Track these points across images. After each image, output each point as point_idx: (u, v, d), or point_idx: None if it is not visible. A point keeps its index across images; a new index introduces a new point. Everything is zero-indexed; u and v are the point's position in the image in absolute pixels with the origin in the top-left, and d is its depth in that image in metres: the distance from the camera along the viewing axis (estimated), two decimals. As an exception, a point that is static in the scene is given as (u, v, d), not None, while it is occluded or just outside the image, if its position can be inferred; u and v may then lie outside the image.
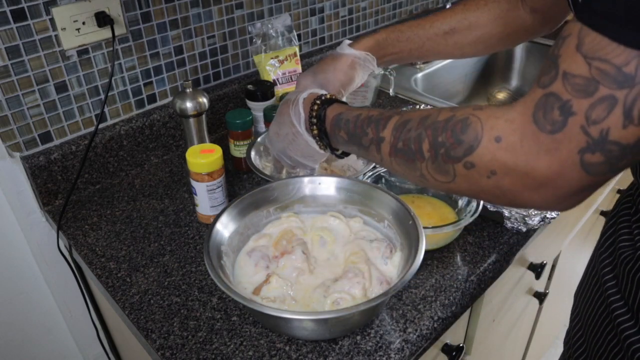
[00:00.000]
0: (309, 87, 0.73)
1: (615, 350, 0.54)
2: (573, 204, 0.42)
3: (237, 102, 1.09)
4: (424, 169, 0.49)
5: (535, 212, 0.78)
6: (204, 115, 0.88)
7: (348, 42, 0.78)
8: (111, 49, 0.88)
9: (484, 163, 0.43)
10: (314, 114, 0.64)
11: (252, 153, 0.83)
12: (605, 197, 1.35)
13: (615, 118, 0.35)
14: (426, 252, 0.67)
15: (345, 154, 0.68)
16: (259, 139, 0.87)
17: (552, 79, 0.38)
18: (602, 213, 1.38)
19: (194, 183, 0.78)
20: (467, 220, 0.72)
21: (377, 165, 0.60)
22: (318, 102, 0.64)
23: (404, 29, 0.76)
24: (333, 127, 0.62)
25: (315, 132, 0.64)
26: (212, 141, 0.91)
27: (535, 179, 0.40)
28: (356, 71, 0.77)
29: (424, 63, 1.34)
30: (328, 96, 0.65)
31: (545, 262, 0.98)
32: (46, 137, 0.86)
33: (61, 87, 0.85)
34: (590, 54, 0.35)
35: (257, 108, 0.96)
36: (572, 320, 0.67)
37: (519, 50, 1.52)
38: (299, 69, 1.06)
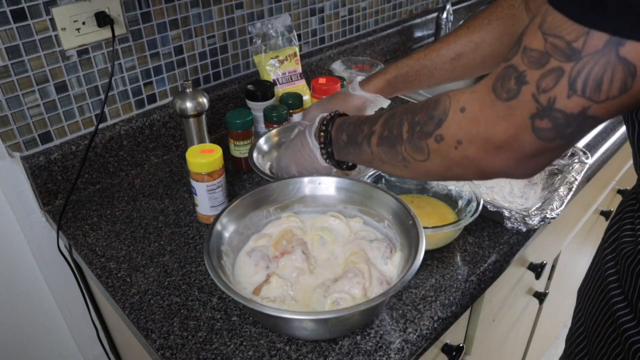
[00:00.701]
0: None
1: (615, 345, 0.54)
2: (531, 169, 0.46)
3: (237, 102, 1.09)
4: (404, 151, 0.53)
5: (535, 212, 0.78)
6: (204, 115, 0.88)
7: (360, 78, 0.81)
8: (111, 49, 0.88)
9: (451, 134, 0.47)
10: (325, 121, 0.68)
11: (255, 154, 0.83)
12: (605, 197, 1.35)
13: (561, 88, 0.38)
14: (426, 252, 0.67)
15: (347, 167, 0.71)
16: (261, 140, 0.87)
17: (514, 53, 0.42)
18: (602, 213, 1.38)
19: (194, 183, 0.78)
20: (467, 220, 0.72)
21: (370, 166, 0.62)
22: (331, 114, 0.70)
23: (411, 63, 0.78)
24: (337, 131, 0.67)
25: (322, 139, 0.68)
26: (212, 141, 0.91)
27: (494, 143, 0.44)
28: (365, 111, 0.82)
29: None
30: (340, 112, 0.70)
31: (545, 262, 0.98)
32: (46, 137, 0.86)
33: (61, 87, 0.85)
34: (548, 31, 0.39)
35: (257, 108, 0.96)
36: (574, 317, 0.67)
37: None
38: (299, 69, 1.06)
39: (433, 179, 0.57)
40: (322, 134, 0.68)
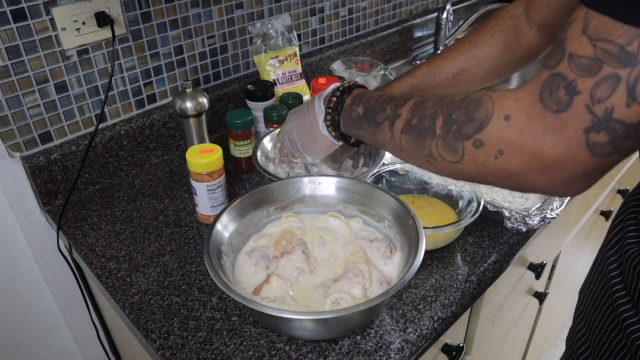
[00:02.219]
0: None
1: (619, 347, 0.54)
2: (579, 189, 0.42)
3: (237, 102, 1.09)
4: (433, 146, 0.50)
5: (535, 212, 0.78)
6: (204, 115, 0.88)
7: (338, 68, 0.78)
8: (111, 49, 0.88)
9: (492, 141, 0.43)
10: (341, 87, 0.65)
11: (258, 153, 0.83)
12: (605, 197, 1.35)
13: (619, 96, 0.36)
14: (426, 252, 0.67)
15: (351, 143, 0.68)
16: (266, 138, 0.86)
17: (559, 61, 0.39)
18: (602, 213, 1.38)
19: (194, 183, 0.78)
20: (468, 220, 0.72)
21: (382, 148, 0.60)
22: (349, 82, 0.66)
23: (415, 82, 0.77)
24: (353, 101, 0.63)
25: (332, 104, 0.65)
26: (212, 141, 0.91)
27: (542, 160, 0.40)
28: None
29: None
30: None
31: (545, 262, 0.98)
32: (46, 137, 0.86)
33: (61, 87, 0.85)
34: (595, 36, 0.36)
35: (257, 108, 0.96)
36: (576, 317, 0.67)
37: (519, 50, 1.52)
38: (299, 69, 1.06)
39: (459, 179, 0.53)
40: (334, 98, 0.65)
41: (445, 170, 0.50)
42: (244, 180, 0.93)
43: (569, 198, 0.80)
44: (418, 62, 1.44)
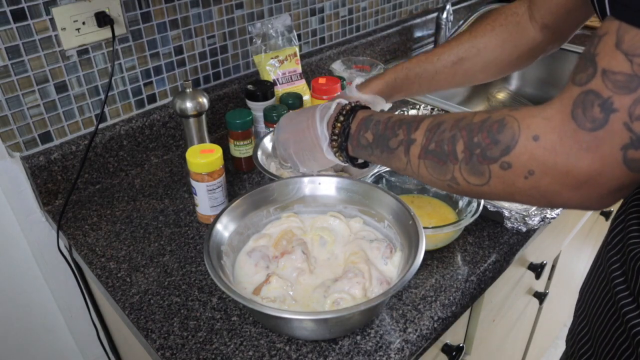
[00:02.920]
0: None
1: (622, 344, 0.54)
2: (612, 202, 0.42)
3: (237, 102, 1.09)
4: (456, 171, 0.48)
5: (535, 212, 0.78)
6: (204, 115, 0.88)
7: (359, 81, 0.78)
8: (111, 49, 0.88)
9: (521, 163, 0.42)
10: (344, 112, 0.63)
11: (258, 153, 0.83)
12: (605, 197, 1.35)
13: None
14: (426, 252, 0.67)
15: (360, 165, 0.66)
16: (267, 138, 0.86)
17: (590, 77, 0.38)
18: (602, 213, 1.38)
19: (194, 183, 0.78)
20: (468, 220, 0.72)
21: (398, 172, 0.58)
22: (351, 104, 0.64)
23: (412, 67, 0.76)
24: (359, 126, 0.61)
25: (337, 130, 0.63)
26: (212, 141, 0.91)
27: (576, 177, 0.40)
28: None
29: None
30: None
31: (545, 262, 0.98)
32: (46, 137, 0.86)
33: (61, 87, 0.85)
34: (632, 51, 0.35)
35: (257, 108, 0.96)
36: (576, 316, 0.67)
37: (519, 50, 1.52)
38: (299, 69, 1.06)
39: (484, 199, 0.52)
40: (338, 124, 0.63)
41: (470, 192, 0.49)
42: (244, 180, 0.93)
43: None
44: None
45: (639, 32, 0.35)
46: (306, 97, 1.03)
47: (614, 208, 1.40)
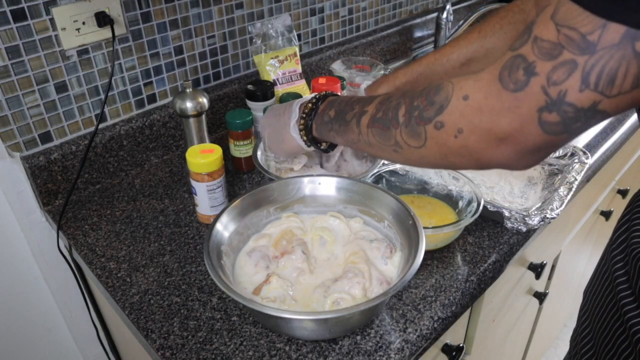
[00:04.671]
0: None
1: (624, 347, 0.54)
2: (531, 162, 0.45)
3: (237, 102, 1.09)
4: (398, 135, 0.52)
5: (535, 212, 0.78)
6: (204, 115, 0.88)
7: (367, 84, 0.80)
8: (111, 49, 0.88)
9: (452, 121, 0.46)
10: (317, 96, 0.67)
11: (258, 153, 0.83)
12: (605, 197, 1.35)
13: (574, 81, 0.38)
14: (426, 252, 0.67)
15: (322, 148, 0.69)
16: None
17: (523, 43, 0.41)
18: (602, 213, 1.38)
19: (194, 183, 0.78)
20: (468, 220, 0.72)
21: (353, 146, 0.62)
22: (325, 92, 0.68)
23: (422, 70, 0.78)
24: (326, 106, 0.65)
25: (307, 110, 0.67)
26: (212, 141, 0.91)
27: (497, 134, 0.43)
28: None
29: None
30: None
31: (545, 262, 0.98)
32: (46, 137, 0.86)
33: (61, 87, 0.85)
34: (562, 22, 0.38)
35: (257, 108, 0.96)
36: (580, 317, 0.67)
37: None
38: (299, 69, 1.06)
39: (424, 166, 0.55)
40: (309, 105, 0.67)
41: (411, 157, 0.52)
42: (244, 180, 0.93)
43: (569, 198, 0.80)
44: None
45: (572, 5, 0.37)
46: (306, 97, 1.03)
47: (614, 208, 1.40)
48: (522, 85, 0.40)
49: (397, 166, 0.84)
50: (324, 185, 0.73)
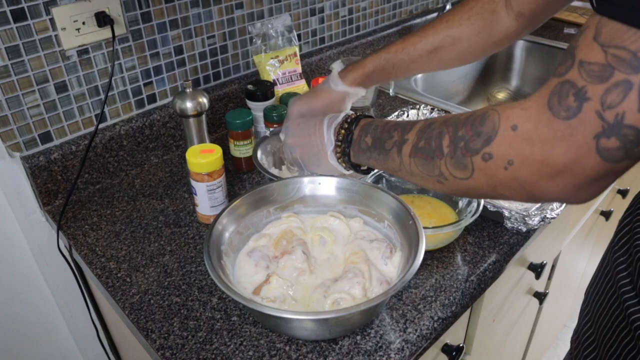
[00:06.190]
0: (301, 114, 0.78)
1: (627, 346, 0.54)
2: (590, 195, 0.42)
3: (237, 102, 1.09)
4: (442, 166, 0.50)
5: (535, 212, 0.78)
6: (204, 115, 0.88)
7: (338, 67, 0.80)
8: (111, 49, 0.88)
9: (501, 152, 0.44)
10: (348, 119, 0.66)
11: (258, 153, 0.83)
12: (605, 197, 1.35)
13: (631, 102, 0.35)
14: (426, 252, 0.67)
15: (362, 171, 0.69)
16: (271, 137, 0.87)
17: (568, 68, 0.39)
18: (602, 213, 1.38)
19: (194, 183, 0.78)
20: (468, 220, 0.72)
21: (394, 174, 0.60)
22: (356, 113, 0.67)
23: (389, 57, 0.78)
24: (361, 132, 0.64)
25: (341, 137, 0.66)
26: (212, 141, 0.91)
27: (552, 166, 0.40)
28: (345, 103, 0.81)
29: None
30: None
31: (545, 262, 0.98)
32: (46, 137, 0.86)
33: (61, 87, 0.85)
34: (607, 42, 0.36)
35: (257, 108, 0.96)
36: (582, 317, 0.67)
37: (518, 50, 1.53)
38: (299, 68, 1.06)
39: (470, 196, 0.53)
40: (342, 131, 0.66)
41: (457, 188, 0.50)
42: (244, 180, 0.93)
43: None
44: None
45: (616, 24, 0.36)
46: (306, 97, 1.03)
47: (614, 208, 1.40)
48: (574, 112, 0.38)
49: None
50: (324, 185, 0.73)
